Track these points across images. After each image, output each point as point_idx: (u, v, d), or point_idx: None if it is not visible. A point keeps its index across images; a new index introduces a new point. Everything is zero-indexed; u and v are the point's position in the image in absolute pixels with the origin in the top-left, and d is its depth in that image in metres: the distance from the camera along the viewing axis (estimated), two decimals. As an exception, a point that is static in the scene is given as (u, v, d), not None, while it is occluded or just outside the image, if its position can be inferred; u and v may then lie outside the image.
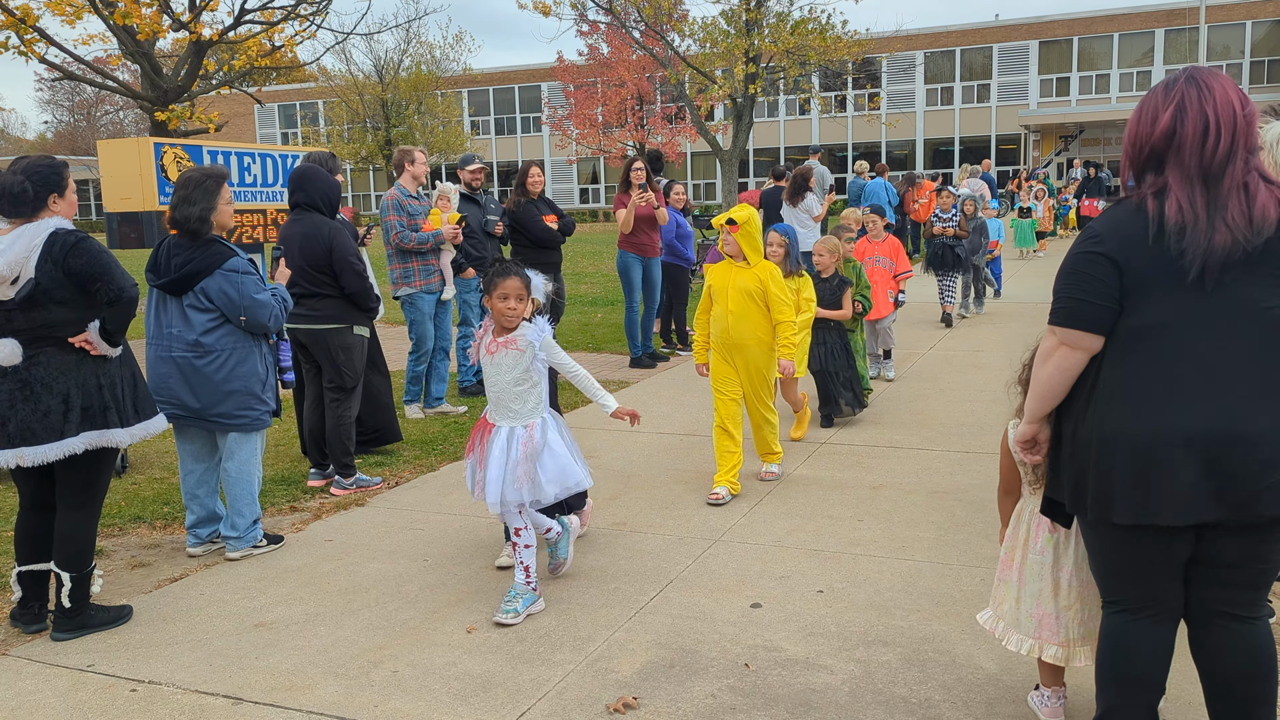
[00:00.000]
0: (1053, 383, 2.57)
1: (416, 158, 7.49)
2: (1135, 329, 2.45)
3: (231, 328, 4.68)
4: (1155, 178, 2.47)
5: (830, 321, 7.06)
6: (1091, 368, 2.52)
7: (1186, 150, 2.41)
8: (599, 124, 37.57)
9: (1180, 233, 2.38)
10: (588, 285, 16.55)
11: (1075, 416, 2.57)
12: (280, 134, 51.81)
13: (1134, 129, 2.52)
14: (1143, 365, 2.44)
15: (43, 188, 3.92)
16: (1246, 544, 2.47)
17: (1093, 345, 2.49)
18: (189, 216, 4.62)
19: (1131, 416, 2.44)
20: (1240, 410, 2.36)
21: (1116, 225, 2.48)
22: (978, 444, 6.44)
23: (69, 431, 3.91)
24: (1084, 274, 2.48)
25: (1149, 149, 2.47)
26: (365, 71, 42.20)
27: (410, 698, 3.44)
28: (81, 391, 3.94)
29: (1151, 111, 2.47)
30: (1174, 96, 2.44)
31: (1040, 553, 3.01)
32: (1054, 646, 3.01)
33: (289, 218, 5.93)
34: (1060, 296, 2.53)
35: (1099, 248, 2.47)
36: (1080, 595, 2.97)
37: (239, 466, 4.81)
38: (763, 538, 4.90)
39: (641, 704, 3.36)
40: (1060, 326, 2.52)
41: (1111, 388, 2.48)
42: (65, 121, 66.76)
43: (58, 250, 3.86)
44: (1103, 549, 2.63)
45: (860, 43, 23.37)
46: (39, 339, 3.89)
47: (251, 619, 4.16)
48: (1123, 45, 40.33)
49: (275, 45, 17.82)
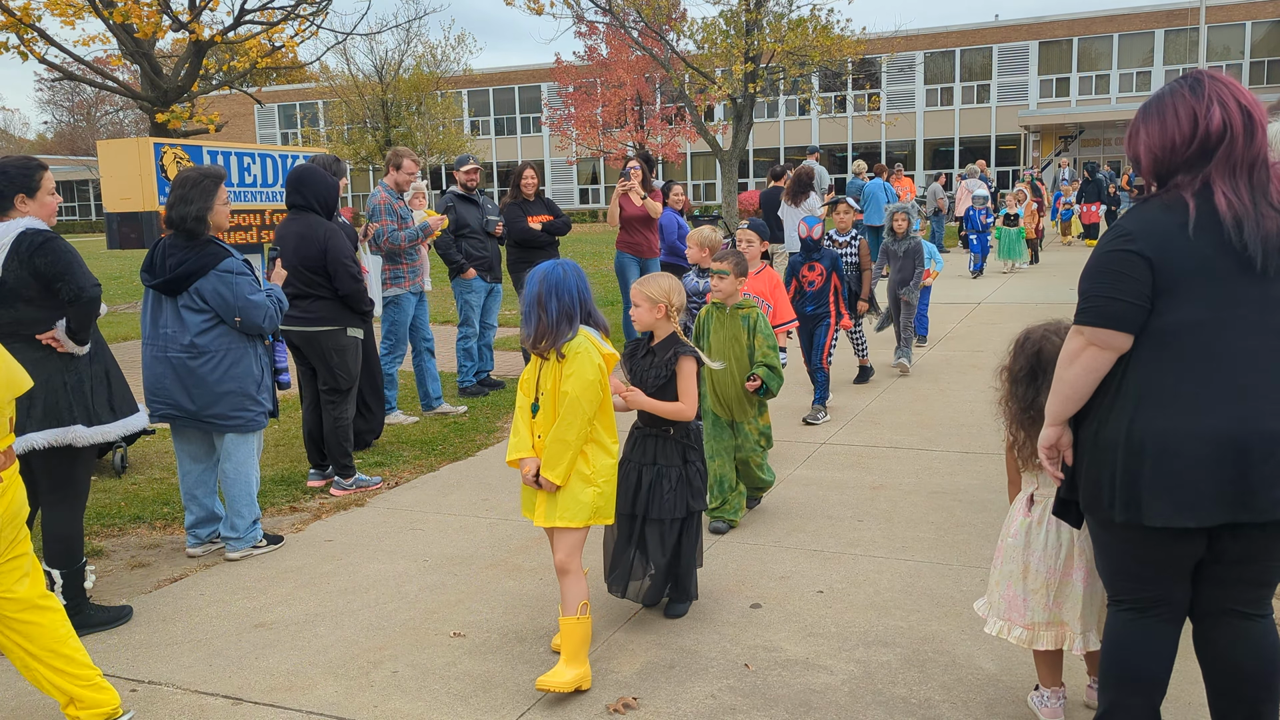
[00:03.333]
0: (1079, 384, 2.53)
1: (404, 164, 7.52)
2: (1166, 328, 2.42)
3: (226, 329, 4.68)
4: (1186, 177, 2.45)
5: (665, 423, 3.92)
6: (1116, 368, 2.49)
7: (1239, 144, 2.40)
8: (598, 125, 37.56)
9: (1239, 226, 2.36)
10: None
11: (1098, 418, 2.53)
12: (280, 134, 51.80)
13: (1167, 129, 2.47)
14: (1175, 364, 2.41)
15: (9, 188, 3.95)
16: (1263, 542, 2.45)
17: (1123, 345, 2.46)
18: (185, 216, 4.62)
19: (1164, 418, 2.41)
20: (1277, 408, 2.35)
21: (1148, 223, 2.45)
22: (978, 444, 6.44)
23: (30, 427, 3.92)
24: (1116, 272, 2.44)
25: (1194, 148, 2.43)
26: (365, 72, 42.22)
27: (410, 698, 3.44)
28: (45, 389, 3.95)
29: (1188, 112, 2.44)
30: (1209, 96, 2.43)
31: (1014, 536, 3.09)
32: (1020, 629, 3.07)
33: (286, 218, 5.93)
34: (1090, 295, 2.48)
35: (1131, 245, 2.44)
36: (1046, 581, 3.01)
37: (236, 467, 4.81)
38: (762, 538, 4.90)
39: (641, 704, 3.35)
40: (1090, 326, 2.47)
41: (1142, 388, 2.45)
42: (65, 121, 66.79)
43: (25, 249, 3.89)
44: (1117, 549, 2.60)
45: (860, 43, 23.37)
46: (6, 335, 3.91)
47: (251, 619, 4.16)
48: (1123, 46, 40.32)
49: (275, 45, 17.81)
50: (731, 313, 5.00)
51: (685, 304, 4.00)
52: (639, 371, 3.96)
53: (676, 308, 3.89)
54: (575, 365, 3.36)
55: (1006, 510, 3.25)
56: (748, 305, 5.03)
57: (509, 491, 5.74)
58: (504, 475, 6.05)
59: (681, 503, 3.89)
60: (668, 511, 3.86)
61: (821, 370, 7.27)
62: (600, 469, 3.48)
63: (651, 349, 3.97)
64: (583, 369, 3.36)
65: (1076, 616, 2.99)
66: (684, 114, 35.28)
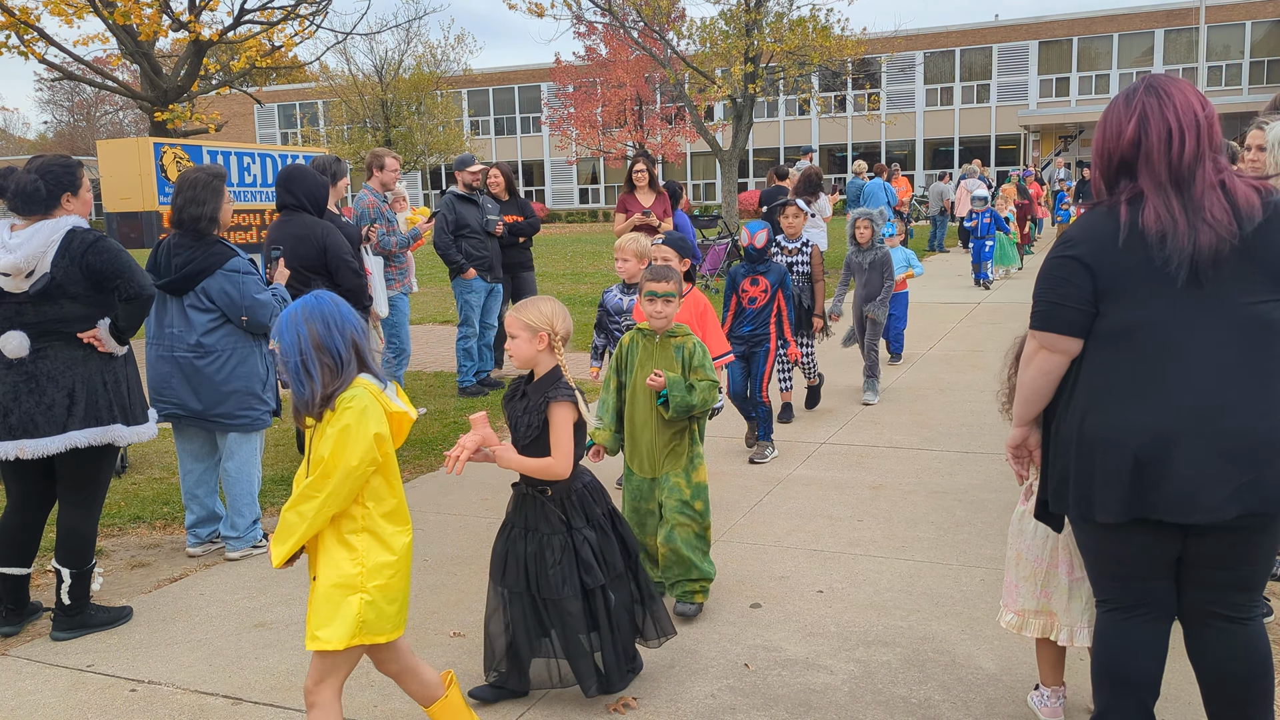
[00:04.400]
0: (1035, 385, 2.63)
1: (387, 163, 7.53)
2: (1111, 330, 2.48)
3: (232, 328, 4.69)
4: (1128, 184, 2.50)
5: (542, 483, 3.30)
6: (1072, 369, 2.57)
7: (1155, 158, 2.44)
8: (598, 125, 37.56)
9: (1162, 240, 2.40)
10: (587, 285, 16.55)
11: (1057, 417, 2.62)
12: (280, 134, 51.81)
13: (1100, 141, 2.56)
14: (1120, 365, 2.47)
15: (56, 186, 3.96)
16: (1231, 544, 2.47)
17: (1070, 348, 2.54)
18: (198, 216, 4.63)
19: (1109, 415, 2.47)
20: (1222, 407, 2.38)
21: (1089, 230, 2.52)
22: (978, 444, 6.44)
23: (71, 425, 3.92)
24: (1058, 278, 2.53)
25: (1117, 159, 2.51)
26: (365, 72, 42.23)
27: (410, 698, 3.43)
28: (86, 387, 3.95)
29: (1115, 123, 2.51)
30: (1135, 107, 2.48)
31: (1012, 524, 3.18)
32: (1011, 614, 3.14)
33: (278, 219, 5.94)
34: (1038, 300, 2.59)
35: (1071, 251, 2.52)
36: (1034, 569, 3.07)
37: (239, 466, 4.81)
38: (762, 538, 4.90)
39: (641, 704, 3.36)
40: (1039, 330, 2.57)
41: (1088, 388, 2.52)
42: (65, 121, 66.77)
43: (76, 247, 3.89)
44: (1092, 547, 2.66)
45: (860, 42, 23.36)
46: (48, 333, 3.92)
47: (251, 619, 4.16)
48: (1123, 45, 40.32)
49: (275, 45, 17.81)
50: (662, 341, 4.03)
51: (571, 333, 3.29)
52: (513, 418, 3.27)
53: (561, 337, 3.22)
54: (338, 421, 2.60)
55: (1006, 510, 3.26)
56: (682, 333, 4.05)
57: (508, 492, 5.74)
58: (503, 475, 6.04)
59: (571, 579, 3.21)
60: (552, 590, 3.21)
61: (762, 404, 6.24)
62: (373, 569, 2.67)
63: (526, 390, 3.30)
64: (348, 426, 2.59)
65: (1064, 608, 3.03)
66: (684, 114, 35.28)
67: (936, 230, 21.72)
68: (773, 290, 6.23)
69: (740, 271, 6.35)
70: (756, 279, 6.25)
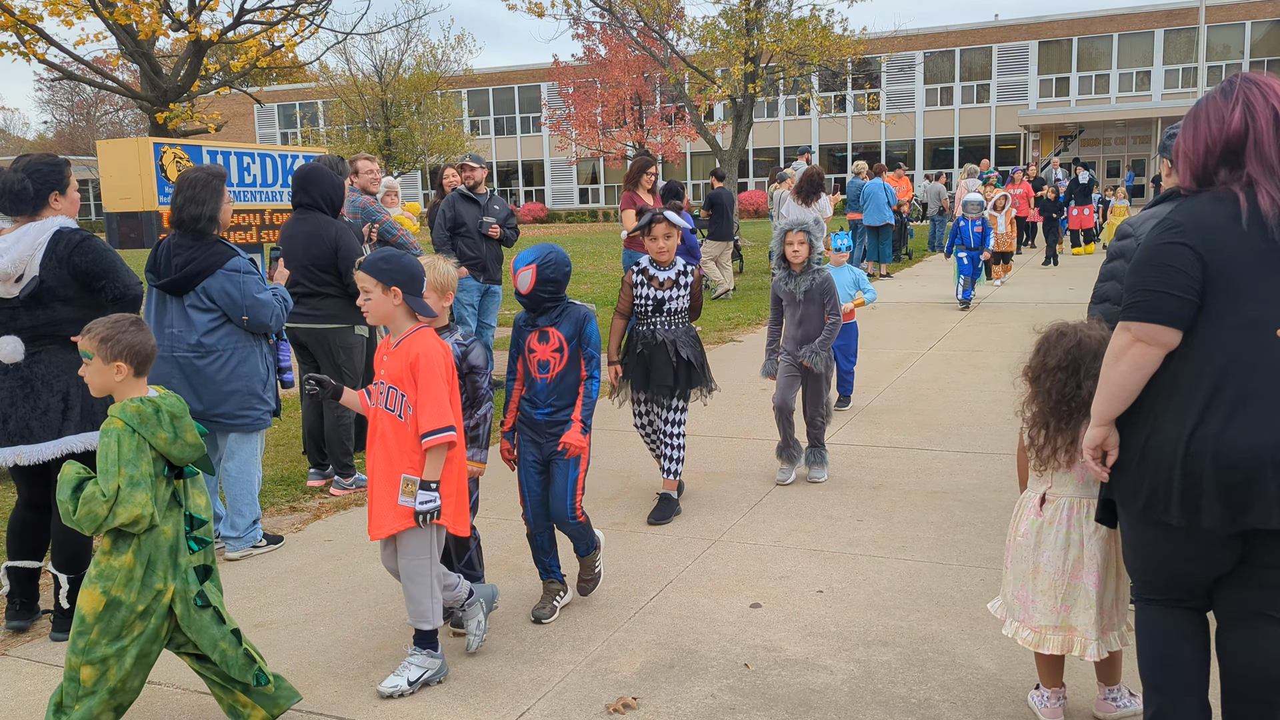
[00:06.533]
0: (1127, 382, 2.47)
1: (360, 165, 7.58)
2: (1222, 328, 2.37)
3: (233, 328, 4.69)
4: (1230, 173, 2.43)
5: None
6: (1165, 365, 2.44)
7: (1265, 142, 2.39)
8: (598, 124, 37.56)
9: None
10: (587, 285, 16.55)
11: (1151, 419, 2.47)
12: (280, 134, 51.82)
13: (1197, 131, 2.48)
14: (1256, 364, 2.35)
15: (43, 186, 3.94)
16: None
17: (1171, 341, 2.40)
18: (199, 216, 4.63)
19: (1224, 423, 2.36)
20: None
21: (1197, 215, 2.42)
22: (977, 444, 6.45)
23: (67, 430, 3.91)
24: (1165, 265, 2.39)
25: (1219, 148, 2.43)
26: (365, 72, 42.23)
27: (410, 698, 3.43)
28: (81, 390, 3.94)
29: (1217, 113, 2.45)
30: (1238, 96, 2.43)
31: (1024, 536, 3.05)
32: (1028, 631, 3.05)
33: (292, 217, 5.94)
34: (1136, 290, 2.43)
35: (1181, 238, 2.39)
36: (1053, 583, 2.98)
37: (239, 466, 4.81)
38: (762, 538, 4.91)
39: (641, 704, 3.36)
40: (1138, 321, 2.41)
41: (1201, 390, 2.39)
42: (65, 121, 66.78)
43: (63, 248, 3.87)
44: (1162, 548, 2.56)
45: (860, 42, 23.37)
46: (41, 337, 3.91)
47: (251, 619, 4.16)
48: (1122, 45, 40.34)
49: (275, 45, 17.81)
50: None
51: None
52: None
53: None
54: None
55: (1006, 510, 3.24)
56: None
57: (508, 491, 5.74)
58: (503, 475, 6.04)
59: None
60: None
61: (574, 521, 4.07)
62: None
63: None
64: None
65: (1090, 622, 2.95)
66: (684, 114, 35.28)
67: (936, 230, 21.74)
68: (570, 346, 4.02)
69: (520, 321, 4.12)
70: (544, 333, 4.03)
